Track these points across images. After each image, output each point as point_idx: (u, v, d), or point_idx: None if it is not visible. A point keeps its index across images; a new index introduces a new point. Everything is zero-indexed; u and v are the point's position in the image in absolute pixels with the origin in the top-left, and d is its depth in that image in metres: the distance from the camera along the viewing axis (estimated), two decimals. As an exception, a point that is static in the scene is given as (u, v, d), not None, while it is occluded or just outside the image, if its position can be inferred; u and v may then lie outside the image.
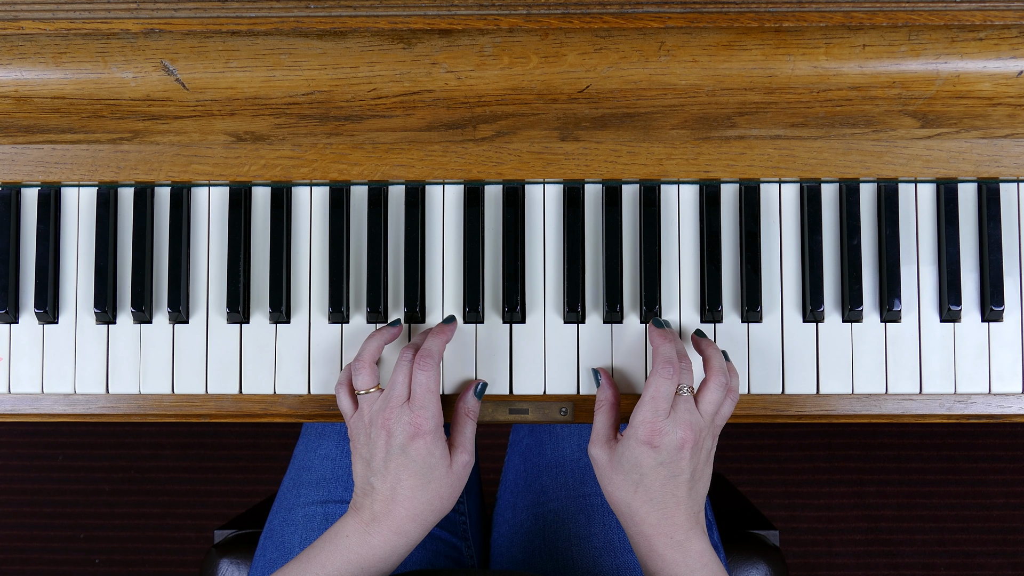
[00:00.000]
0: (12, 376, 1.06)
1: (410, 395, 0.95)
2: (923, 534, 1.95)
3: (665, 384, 0.93)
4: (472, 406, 1.01)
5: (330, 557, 0.94)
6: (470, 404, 1.01)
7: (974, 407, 1.04)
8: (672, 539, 0.93)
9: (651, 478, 0.93)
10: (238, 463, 1.97)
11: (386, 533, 0.94)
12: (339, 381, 1.00)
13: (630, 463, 0.93)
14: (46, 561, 1.97)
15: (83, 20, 0.99)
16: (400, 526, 0.94)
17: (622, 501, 0.94)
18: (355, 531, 0.94)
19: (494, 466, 1.54)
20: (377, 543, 0.94)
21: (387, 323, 1.04)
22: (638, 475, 0.93)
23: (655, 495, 0.93)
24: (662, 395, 0.93)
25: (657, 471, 0.93)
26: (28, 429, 1.98)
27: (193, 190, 1.07)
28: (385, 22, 0.99)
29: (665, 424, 0.92)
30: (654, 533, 0.93)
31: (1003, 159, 1.04)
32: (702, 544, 0.94)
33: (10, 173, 1.06)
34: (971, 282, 1.05)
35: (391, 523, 0.94)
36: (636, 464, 0.93)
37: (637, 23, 0.98)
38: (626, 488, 0.94)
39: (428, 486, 0.95)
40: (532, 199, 1.06)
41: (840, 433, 1.96)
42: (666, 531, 0.93)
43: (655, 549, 0.93)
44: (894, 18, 0.98)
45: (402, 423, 0.94)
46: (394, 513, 0.94)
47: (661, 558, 0.93)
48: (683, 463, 0.93)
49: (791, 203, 1.06)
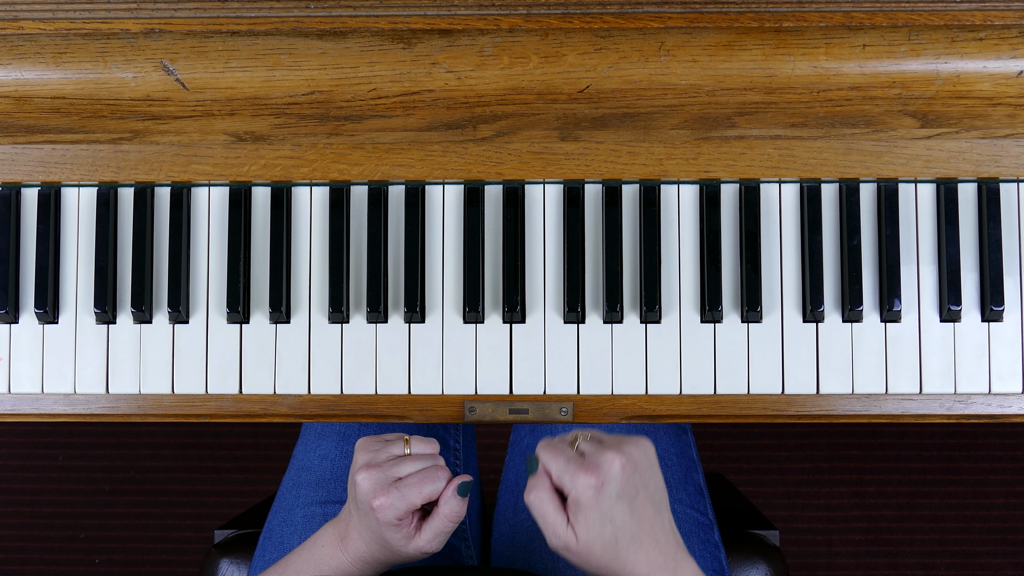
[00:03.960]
0: (12, 376, 1.06)
1: (407, 482, 0.91)
2: (923, 534, 1.95)
3: (557, 462, 0.87)
4: (452, 509, 0.92)
5: (304, 566, 0.95)
6: (452, 507, 0.92)
7: (974, 407, 1.04)
8: (667, 569, 0.87)
9: (619, 518, 0.86)
10: (238, 463, 1.97)
11: (351, 557, 0.94)
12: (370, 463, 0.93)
13: (595, 521, 0.85)
14: (46, 561, 1.97)
15: (83, 20, 0.99)
16: (363, 556, 0.94)
17: (613, 562, 0.87)
18: (330, 543, 0.95)
19: (494, 466, 1.54)
20: (346, 562, 0.94)
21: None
22: (609, 526, 0.86)
23: (630, 531, 0.86)
24: (561, 463, 0.86)
25: (619, 507, 0.85)
26: (28, 429, 1.98)
27: (193, 190, 1.07)
28: (385, 22, 0.99)
29: (588, 466, 0.85)
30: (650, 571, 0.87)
31: (1003, 159, 1.04)
32: (693, 567, 0.89)
33: (10, 173, 1.06)
34: (971, 282, 1.05)
35: (355, 550, 0.94)
36: (601, 516, 0.85)
37: (637, 23, 0.98)
38: (607, 548, 0.86)
39: (384, 547, 0.94)
40: (532, 199, 1.06)
41: (840, 433, 1.96)
42: (660, 562, 0.87)
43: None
44: (894, 18, 0.98)
45: (379, 497, 0.90)
46: (358, 546, 0.94)
47: None
48: (633, 481, 0.86)
49: (791, 203, 1.06)
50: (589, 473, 0.85)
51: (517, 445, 1.25)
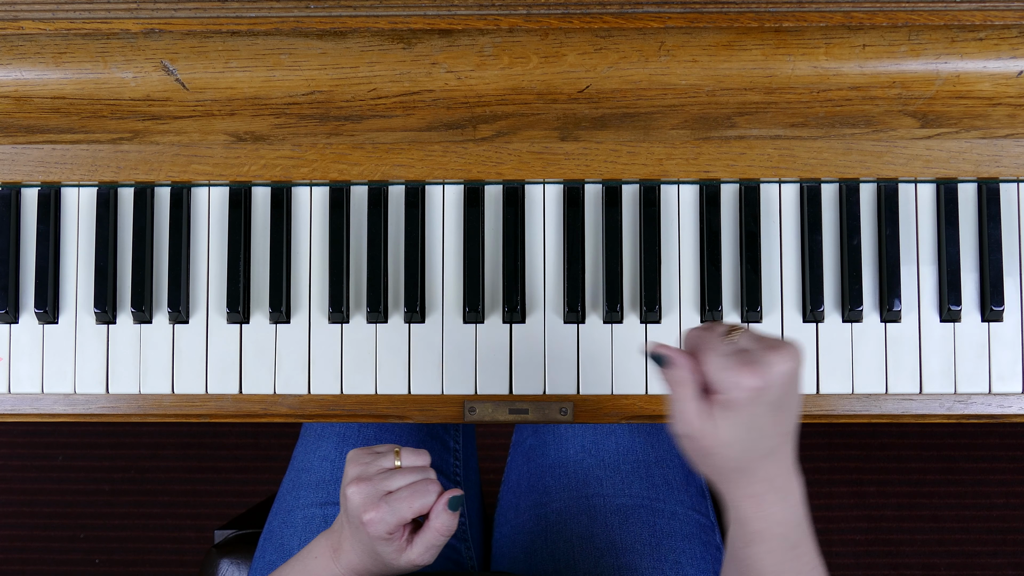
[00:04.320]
0: (12, 376, 1.06)
1: (397, 496, 0.90)
2: (923, 534, 1.95)
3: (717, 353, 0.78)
4: (443, 523, 0.91)
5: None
6: (443, 521, 0.90)
7: (974, 407, 1.04)
8: (782, 491, 0.82)
9: (766, 426, 0.78)
10: (238, 463, 1.97)
11: (344, 568, 0.94)
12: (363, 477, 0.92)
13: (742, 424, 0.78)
14: (46, 561, 1.97)
15: (83, 20, 0.99)
16: (356, 568, 0.94)
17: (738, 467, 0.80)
18: (323, 554, 0.95)
19: (495, 466, 1.54)
20: (339, 574, 0.94)
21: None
22: (755, 432, 0.79)
23: (770, 442, 0.79)
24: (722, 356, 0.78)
25: (769, 415, 0.78)
26: (28, 429, 1.98)
27: (193, 190, 1.07)
28: (385, 22, 0.99)
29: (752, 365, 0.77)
30: (768, 489, 0.81)
31: (1003, 159, 1.04)
32: (799, 495, 0.83)
33: (10, 173, 1.06)
34: (971, 282, 1.05)
35: (348, 562, 0.94)
36: (750, 420, 0.78)
37: (637, 23, 0.98)
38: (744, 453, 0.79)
39: (376, 560, 0.93)
40: (532, 199, 1.06)
41: (840, 433, 1.96)
42: (780, 482, 0.82)
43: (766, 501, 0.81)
44: (894, 18, 0.98)
45: (369, 511, 0.90)
46: (350, 557, 0.94)
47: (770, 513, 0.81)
48: (789, 390, 0.79)
49: (791, 203, 1.06)
50: (753, 373, 0.77)
51: (519, 446, 1.25)
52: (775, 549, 0.82)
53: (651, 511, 1.13)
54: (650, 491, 1.14)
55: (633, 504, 1.13)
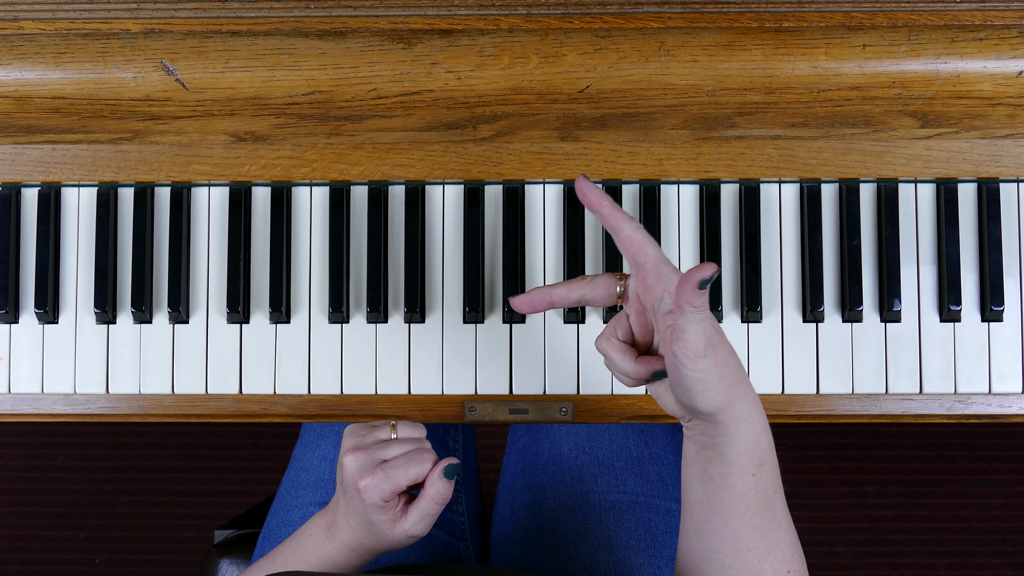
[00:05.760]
0: (12, 376, 1.06)
1: (392, 464, 0.90)
2: (923, 534, 1.95)
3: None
4: (438, 491, 0.90)
5: (292, 556, 0.95)
6: (438, 488, 0.90)
7: (974, 407, 1.04)
8: (760, 416, 0.82)
9: (731, 359, 0.80)
10: (238, 463, 1.97)
11: (338, 545, 0.94)
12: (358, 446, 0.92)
13: (723, 355, 0.79)
14: (46, 561, 1.97)
15: (83, 20, 0.99)
16: (349, 543, 0.94)
17: (729, 391, 0.80)
18: (318, 532, 0.95)
19: (493, 466, 1.54)
20: (333, 551, 0.94)
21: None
22: (731, 359, 0.80)
23: (740, 372, 0.81)
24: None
25: (729, 350, 0.80)
26: (28, 429, 1.98)
27: (193, 190, 1.07)
28: (385, 22, 0.99)
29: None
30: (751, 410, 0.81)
31: (1003, 159, 1.04)
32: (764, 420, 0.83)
33: (10, 173, 1.06)
34: (971, 282, 1.05)
35: (343, 538, 0.94)
36: (725, 352, 0.80)
37: (637, 23, 0.98)
38: (727, 377, 0.80)
39: (371, 531, 0.93)
40: (532, 199, 1.06)
41: (840, 433, 1.96)
42: (755, 408, 0.82)
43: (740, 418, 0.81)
44: (894, 18, 0.98)
45: (365, 478, 0.90)
46: (345, 532, 0.94)
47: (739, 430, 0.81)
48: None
49: (791, 203, 1.06)
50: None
51: (514, 445, 1.25)
52: (747, 470, 0.82)
53: (646, 507, 1.13)
54: (644, 488, 1.15)
55: (628, 501, 1.13)
